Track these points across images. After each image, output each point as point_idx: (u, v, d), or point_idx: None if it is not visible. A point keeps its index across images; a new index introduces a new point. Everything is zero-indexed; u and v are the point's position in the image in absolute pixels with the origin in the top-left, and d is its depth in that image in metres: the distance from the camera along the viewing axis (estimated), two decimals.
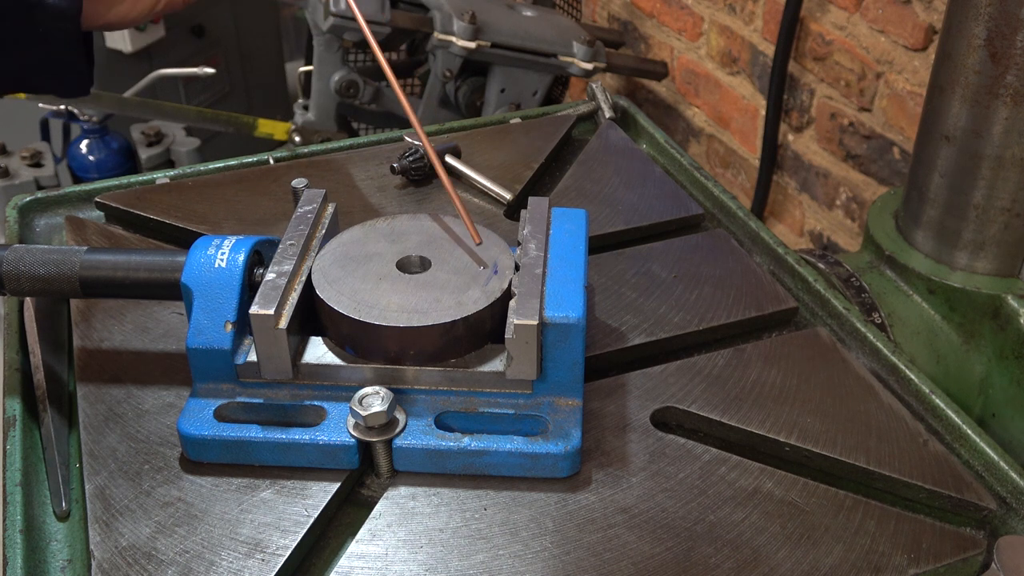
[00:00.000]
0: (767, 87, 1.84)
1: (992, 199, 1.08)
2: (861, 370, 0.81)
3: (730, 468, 0.72)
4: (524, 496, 0.69)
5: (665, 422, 0.77)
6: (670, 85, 2.22)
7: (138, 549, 0.64)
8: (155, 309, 0.84)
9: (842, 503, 0.70)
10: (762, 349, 0.83)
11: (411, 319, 0.69)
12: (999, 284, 1.10)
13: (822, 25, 1.71)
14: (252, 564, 0.63)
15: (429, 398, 0.71)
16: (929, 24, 1.49)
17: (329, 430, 0.69)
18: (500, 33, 1.85)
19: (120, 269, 0.75)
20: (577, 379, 0.71)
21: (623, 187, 1.04)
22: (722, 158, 2.12)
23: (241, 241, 0.74)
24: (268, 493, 0.68)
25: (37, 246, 0.77)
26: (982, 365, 1.11)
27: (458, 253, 0.76)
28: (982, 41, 1.01)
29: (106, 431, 0.73)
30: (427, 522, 0.67)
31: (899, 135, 1.61)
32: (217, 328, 0.70)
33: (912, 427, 0.76)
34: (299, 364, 0.71)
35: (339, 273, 0.73)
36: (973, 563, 0.68)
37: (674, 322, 0.85)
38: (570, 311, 0.69)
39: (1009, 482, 0.73)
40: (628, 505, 0.68)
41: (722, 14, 1.97)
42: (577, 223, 0.79)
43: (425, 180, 1.04)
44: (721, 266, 0.92)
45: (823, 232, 1.86)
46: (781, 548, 0.66)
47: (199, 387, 0.72)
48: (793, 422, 0.75)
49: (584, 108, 1.21)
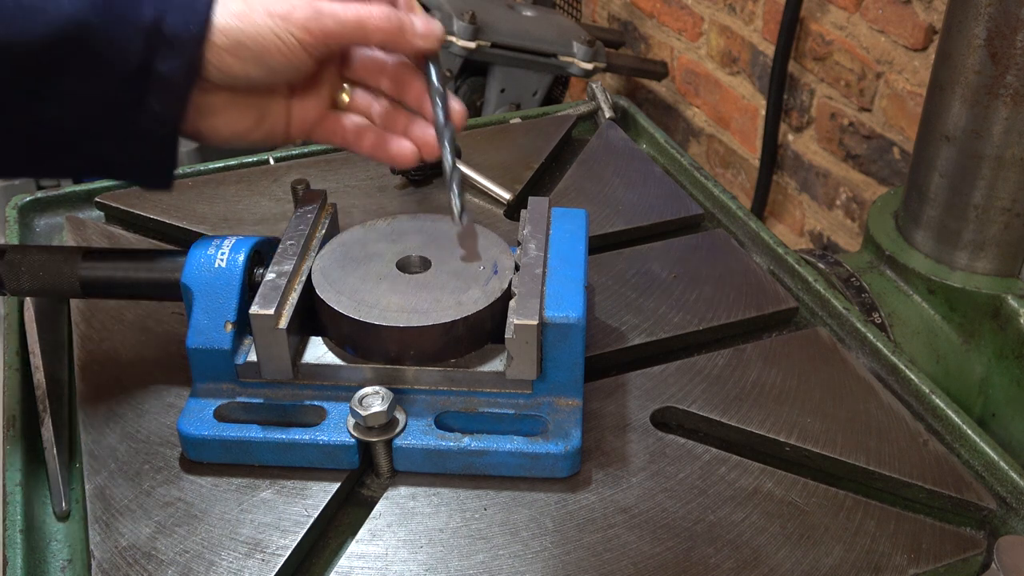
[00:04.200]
0: (767, 87, 1.84)
1: (992, 199, 1.08)
2: (861, 370, 0.81)
3: (730, 468, 0.72)
4: (524, 496, 0.69)
5: (665, 422, 0.77)
6: (670, 85, 2.22)
7: (138, 549, 0.64)
8: (155, 309, 0.84)
9: (842, 503, 0.70)
10: (762, 349, 0.83)
11: (411, 319, 0.69)
12: (999, 284, 1.10)
13: (822, 25, 1.71)
14: (252, 564, 0.63)
15: (429, 398, 0.71)
16: (929, 24, 1.49)
17: (329, 430, 0.69)
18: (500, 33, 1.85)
19: (120, 269, 0.75)
20: (577, 379, 0.71)
21: (623, 187, 1.04)
22: (722, 158, 2.12)
23: (241, 241, 0.74)
24: (268, 493, 0.68)
25: (37, 246, 0.77)
26: (982, 365, 1.11)
27: (458, 253, 0.76)
28: (982, 41, 1.01)
29: (106, 431, 0.73)
30: (427, 522, 0.67)
31: (899, 135, 1.61)
32: (217, 328, 0.71)
33: (912, 427, 0.76)
34: (299, 364, 0.72)
35: (339, 273, 0.73)
36: (973, 563, 0.68)
37: (674, 322, 0.85)
38: (570, 311, 0.69)
39: (1009, 482, 0.73)
40: (628, 505, 0.68)
41: (722, 14, 1.97)
42: (577, 223, 0.79)
43: (425, 180, 1.04)
44: (721, 266, 0.92)
45: (823, 232, 1.86)
46: (781, 548, 0.66)
47: (199, 387, 0.72)
48: (793, 422, 0.75)
49: (584, 108, 1.21)
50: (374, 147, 0.77)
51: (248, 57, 0.69)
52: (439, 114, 0.74)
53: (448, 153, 0.73)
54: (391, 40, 0.73)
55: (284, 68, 0.71)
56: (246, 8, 0.69)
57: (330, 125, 0.78)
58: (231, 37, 0.68)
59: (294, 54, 0.70)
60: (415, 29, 0.73)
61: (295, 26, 0.69)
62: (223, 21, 0.68)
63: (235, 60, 0.69)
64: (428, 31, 0.74)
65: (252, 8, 0.69)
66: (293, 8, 0.70)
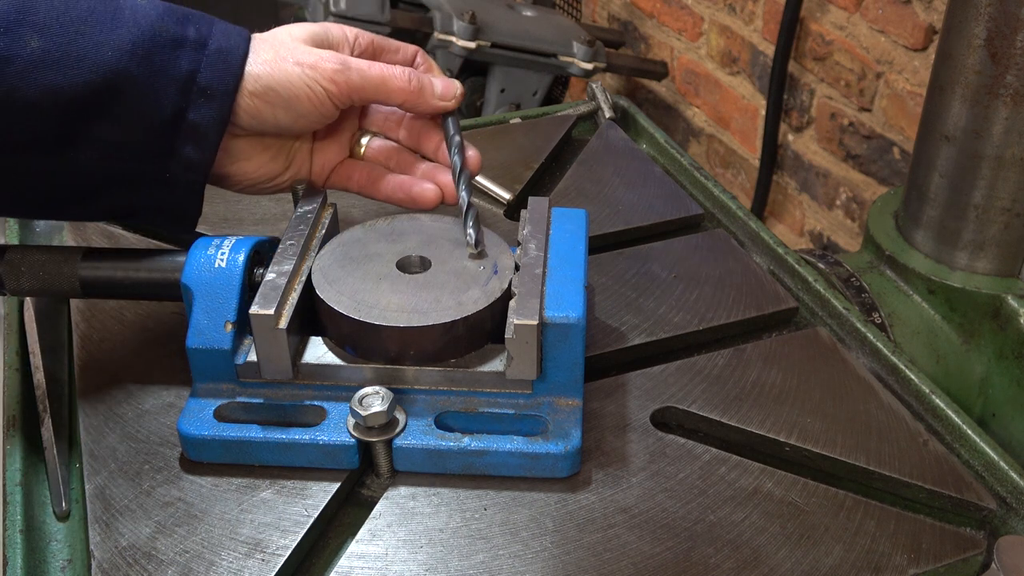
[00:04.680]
0: (767, 87, 1.84)
1: (992, 199, 1.08)
2: (861, 370, 0.81)
3: (730, 468, 0.72)
4: (524, 496, 0.69)
5: (665, 422, 0.77)
6: (670, 85, 2.22)
7: (138, 549, 0.65)
8: (155, 309, 0.84)
9: (842, 503, 0.70)
10: (762, 349, 0.83)
11: (411, 319, 0.69)
12: (999, 284, 1.10)
13: (822, 25, 1.71)
14: (252, 564, 0.64)
15: (429, 398, 0.71)
16: (929, 24, 1.50)
17: (329, 430, 0.69)
18: (500, 33, 1.85)
19: (120, 269, 0.75)
20: (577, 379, 0.71)
21: (623, 187, 1.04)
22: (722, 158, 2.12)
23: (241, 241, 0.74)
24: (268, 493, 0.68)
25: (37, 246, 0.77)
26: (982, 365, 1.11)
27: (458, 253, 0.76)
28: (982, 41, 1.01)
29: (106, 431, 0.73)
30: (427, 522, 0.67)
31: (899, 135, 1.61)
32: (217, 328, 0.71)
33: (912, 427, 0.76)
34: (299, 364, 0.72)
35: (339, 273, 0.73)
36: (973, 563, 0.68)
37: (674, 322, 0.85)
38: (570, 311, 0.69)
39: (1009, 482, 0.73)
40: (628, 505, 0.68)
41: (722, 14, 1.98)
42: (577, 223, 0.79)
43: None
44: (721, 266, 0.92)
45: (823, 232, 1.86)
46: (781, 548, 0.66)
47: (199, 387, 0.72)
48: (793, 422, 0.75)
49: (584, 108, 1.21)
50: (393, 190, 0.80)
51: (278, 103, 0.73)
52: (456, 161, 0.78)
53: (465, 192, 0.77)
54: (411, 101, 0.77)
55: (311, 115, 0.74)
56: (276, 57, 0.73)
57: (346, 172, 0.82)
58: (262, 84, 0.72)
59: (321, 102, 0.74)
60: (435, 91, 0.78)
61: (323, 76, 0.73)
62: (255, 69, 0.72)
63: (265, 105, 0.72)
64: (446, 93, 0.79)
65: (282, 57, 0.73)
66: (321, 59, 0.73)
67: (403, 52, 0.81)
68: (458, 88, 0.80)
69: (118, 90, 0.68)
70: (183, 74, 0.69)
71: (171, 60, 0.69)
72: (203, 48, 0.70)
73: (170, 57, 0.69)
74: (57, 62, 0.66)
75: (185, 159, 0.71)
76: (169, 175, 0.72)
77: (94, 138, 0.69)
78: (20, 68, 0.65)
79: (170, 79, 0.69)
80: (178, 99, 0.70)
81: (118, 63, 0.67)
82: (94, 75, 0.66)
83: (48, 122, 0.67)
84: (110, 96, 0.67)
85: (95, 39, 0.67)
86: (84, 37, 0.67)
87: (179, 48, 0.70)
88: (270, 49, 0.73)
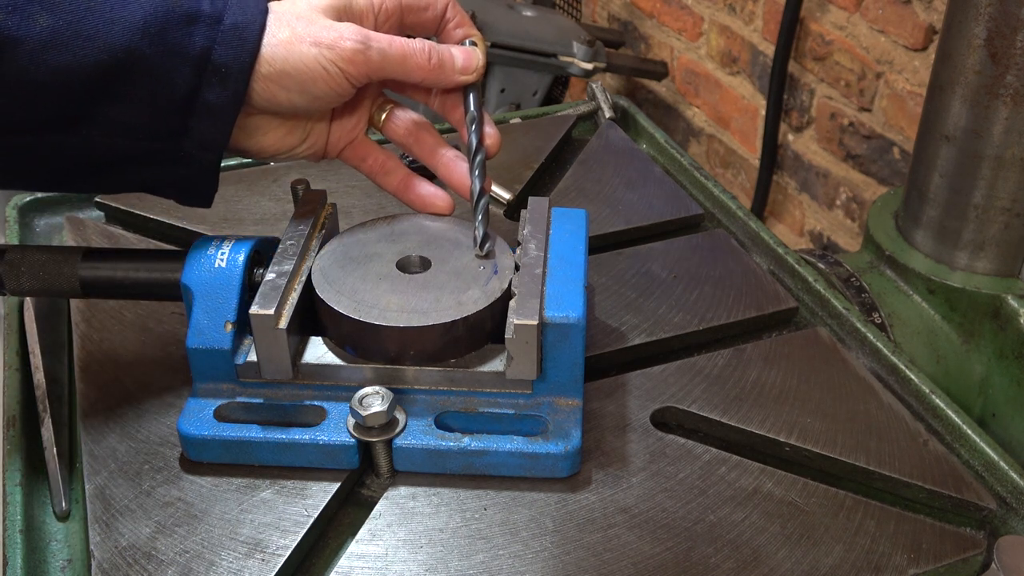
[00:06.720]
0: (767, 87, 1.84)
1: (992, 199, 1.08)
2: (861, 370, 0.81)
3: (730, 468, 0.72)
4: (524, 496, 0.69)
5: (665, 422, 0.77)
6: (670, 85, 2.22)
7: (138, 549, 0.65)
8: (155, 309, 0.84)
9: (842, 503, 0.70)
10: (762, 349, 0.83)
11: (411, 319, 0.69)
12: (999, 284, 1.10)
13: (822, 25, 1.71)
14: (252, 564, 0.64)
15: (429, 398, 0.71)
16: (929, 24, 1.50)
17: (329, 430, 0.69)
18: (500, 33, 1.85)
19: (120, 269, 0.75)
20: (577, 379, 0.71)
21: (623, 187, 1.04)
22: (722, 158, 2.12)
23: (241, 241, 0.74)
24: (268, 493, 0.68)
25: (37, 246, 0.77)
26: (982, 365, 1.11)
27: (458, 253, 0.76)
28: (982, 41, 1.01)
29: (106, 431, 0.73)
30: (427, 522, 0.67)
31: (899, 135, 1.61)
32: (217, 328, 0.71)
33: (912, 427, 0.76)
34: (299, 364, 0.72)
35: (339, 273, 0.73)
36: (973, 563, 0.68)
37: (674, 322, 0.85)
38: (570, 311, 0.69)
39: (1009, 482, 0.73)
40: (628, 505, 0.68)
41: (722, 14, 1.98)
42: (577, 223, 0.79)
43: None
44: (721, 266, 0.92)
45: (823, 232, 1.86)
46: (781, 548, 0.66)
47: (199, 387, 0.72)
48: (793, 422, 0.75)
49: (584, 108, 1.21)
50: (404, 189, 0.79)
51: (292, 87, 0.70)
52: (472, 139, 0.76)
53: (477, 178, 0.75)
54: (431, 78, 0.74)
55: (327, 95, 0.72)
56: (292, 37, 0.70)
57: (362, 151, 0.80)
58: (276, 67, 0.69)
59: (338, 83, 0.71)
60: (455, 65, 0.75)
61: (340, 57, 0.70)
62: (269, 51, 0.69)
63: (279, 89, 0.70)
64: (467, 66, 0.76)
65: (299, 37, 0.70)
66: (340, 37, 0.70)
67: (432, 8, 0.76)
68: (479, 59, 0.77)
69: (129, 71, 0.65)
70: (197, 52, 0.67)
71: (184, 37, 0.66)
72: (218, 23, 0.67)
73: (183, 33, 0.66)
74: (67, 42, 0.63)
75: (199, 138, 0.69)
76: (183, 153, 0.70)
77: (105, 119, 0.67)
78: (30, 48, 0.63)
79: (183, 58, 0.67)
80: (192, 78, 0.67)
81: (129, 42, 0.65)
82: (104, 55, 0.64)
83: (58, 104, 0.65)
84: (120, 77, 0.65)
85: (106, 15, 0.64)
86: (93, 14, 0.64)
87: (193, 23, 0.67)
88: (286, 27, 0.70)
